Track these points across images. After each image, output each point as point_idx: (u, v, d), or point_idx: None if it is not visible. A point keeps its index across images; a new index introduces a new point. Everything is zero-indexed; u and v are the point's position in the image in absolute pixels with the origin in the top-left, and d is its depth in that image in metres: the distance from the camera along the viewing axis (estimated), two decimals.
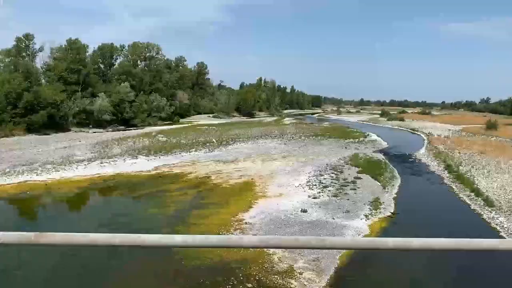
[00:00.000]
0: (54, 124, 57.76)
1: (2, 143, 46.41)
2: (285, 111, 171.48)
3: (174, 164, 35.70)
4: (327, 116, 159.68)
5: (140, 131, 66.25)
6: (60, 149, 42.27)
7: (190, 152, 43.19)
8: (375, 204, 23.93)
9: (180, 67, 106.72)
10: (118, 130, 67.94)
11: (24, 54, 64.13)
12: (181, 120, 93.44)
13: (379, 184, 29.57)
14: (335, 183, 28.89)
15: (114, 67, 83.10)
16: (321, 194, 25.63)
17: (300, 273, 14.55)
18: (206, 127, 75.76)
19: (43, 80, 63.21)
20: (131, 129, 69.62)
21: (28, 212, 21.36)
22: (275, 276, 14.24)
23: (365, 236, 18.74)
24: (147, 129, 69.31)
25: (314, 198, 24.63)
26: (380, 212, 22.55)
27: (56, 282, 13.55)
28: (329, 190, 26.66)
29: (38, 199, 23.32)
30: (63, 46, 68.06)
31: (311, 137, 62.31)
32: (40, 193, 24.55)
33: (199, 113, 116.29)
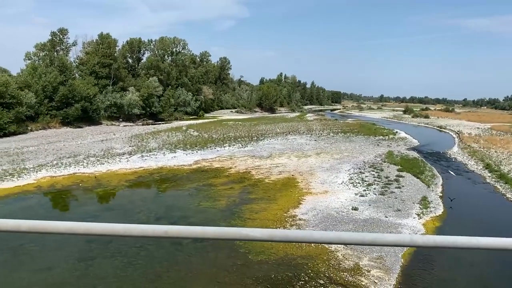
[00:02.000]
0: (87, 117, 58.98)
1: (41, 135, 47.70)
2: (305, 107, 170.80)
3: (212, 158, 36.08)
4: (348, 112, 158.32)
5: (169, 125, 67.05)
6: (98, 142, 43.17)
7: (224, 147, 43.52)
8: (424, 203, 23.72)
9: (205, 62, 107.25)
10: (147, 124, 68.97)
11: (58, 48, 65.50)
12: (205, 115, 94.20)
13: (422, 182, 29.26)
14: (378, 181, 28.73)
15: (142, 61, 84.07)
16: (367, 192, 25.55)
17: (368, 271, 14.61)
18: (232, 122, 76.12)
19: (76, 74, 64.48)
20: (160, 123, 70.56)
21: (86, 204, 21.92)
22: (344, 273, 14.33)
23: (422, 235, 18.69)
24: (175, 123, 70.09)
25: (361, 196, 24.58)
26: (431, 211, 22.35)
27: (126, 275, 13.93)
28: (374, 188, 26.55)
29: (92, 191, 23.92)
30: (95, 40, 69.18)
31: (339, 134, 61.95)
32: (91, 185, 25.19)
33: (222, 108, 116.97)
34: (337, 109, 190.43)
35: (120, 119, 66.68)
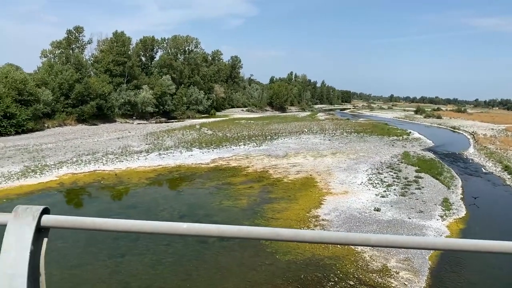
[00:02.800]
0: (102, 115, 59.46)
1: (57, 132, 48.23)
2: (316, 106, 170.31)
3: (228, 157, 36.15)
4: (359, 112, 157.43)
5: (182, 123, 67.34)
6: (114, 139, 43.50)
7: (239, 146, 43.58)
8: (446, 204, 23.53)
9: (216, 61, 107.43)
10: (161, 122, 69.33)
11: (73, 46, 66.10)
12: (217, 113, 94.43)
13: (442, 184, 29.01)
14: (398, 182, 28.55)
15: (155, 59, 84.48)
16: (387, 193, 25.41)
17: (397, 273, 14.54)
18: (245, 121, 76.19)
19: (91, 72, 65.05)
20: (172, 121, 70.88)
21: (109, 201, 22.13)
22: (373, 275, 14.28)
23: (447, 237, 18.54)
24: (188, 122, 70.40)
25: (382, 197, 24.45)
26: (453, 213, 22.15)
27: (156, 273, 14.02)
28: (394, 189, 26.41)
29: (114, 189, 24.13)
30: (109, 38, 69.67)
31: (352, 134, 61.67)
32: (113, 182, 25.41)
33: (233, 107, 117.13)
34: (347, 108, 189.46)
35: (134, 117, 67.11)
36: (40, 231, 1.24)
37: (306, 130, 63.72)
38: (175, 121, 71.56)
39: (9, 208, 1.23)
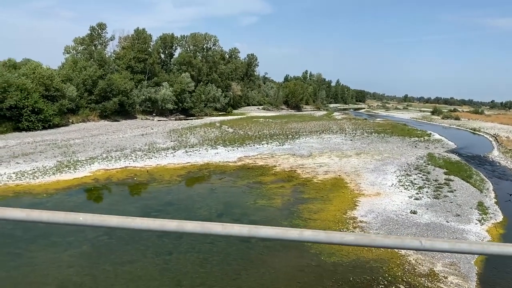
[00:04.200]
0: (123, 111, 60.06)
1: (82, 127, 48.86)
2: (330, 105, 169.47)
3: (254, 156, 36.20)
4: (375, 111, 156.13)
5: (201, 121, 67.66)
6: (139, 136, 43.89)
7: (262, 144, 43.60)
8: (482, 208, 23.21)
9: (234, 59, 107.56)
10: (180, 119, 69.75)
11: (96, 42, 66.83)
12: (233, 111, 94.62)
13: (473, 187, 28.62)
14: (428, 185, 28.25)
15: (174, 57, 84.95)
16: (420, 195, 25.17)
17: (445, 277, 14.40)
18: (263, 119, 76.20)
19: (113, 69, 65.67)
20: (191, 119, 71.26)
21: (145, 198, 22.32)
22: (421, 279, 14.17)
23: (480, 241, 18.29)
24: (207, 119, 70.69)
25: (416, 199, 24.23)
26: (491, 217, 21.83)
27: (205, 271, 14.11)
28: (426, 192, 26.14)
29: (148, 185, 24.35)
30: (130, 35, 70.22)
31: (373, 134, 61.21)
32: (146, 179, 25.65)
33: (248, 105, 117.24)
34: (362, 108, 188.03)
35: (154, 114, 67.62)
36: None
37: (326, 130, 63.47)
38: (194, 119, 71.93)
39: (51, 203, 1.25)
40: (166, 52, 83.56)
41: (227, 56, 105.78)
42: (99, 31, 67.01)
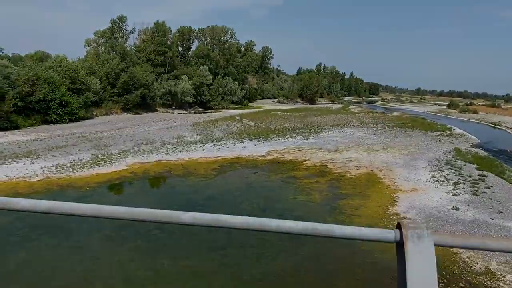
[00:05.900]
0: (144, 104, 60.38)
1: (106, 120, 49.27)
2: (344, 98, 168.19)
3: (281, 150, 36.17)
4: (390, 105, 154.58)
5: (220, 114, 67.74)
6: (164, 129, 44.12)
7: (286, 138, 43.53)
8: None
9: (249, 51, 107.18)
10: (199, 112, 69.90)
11: (117, 35, 67.06)
12: (249, 104, 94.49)
13: (509, 183, 28.26)
14: (463, 180, 27.94)
15: (192, 50, 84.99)
16: (457, 191, 24.92)
17: (503, 276, 14.28)
18: (281, 112, 76.02)
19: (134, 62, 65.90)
20: (210, 111, 71.38)
21: (186, 192, 22.42)
22: (480, 277, 14.07)
23: None
24: (226, 112, 70.71)
25: (454, 195, 23.99)
26: None
27: (262, 267, 14.18)
28: (463, 188, 25.86)
29: (186, 179, 24.50)
30: (150, 28, 70.29)
31: (394, 128, 60.68)
32: (182, 173, 25.81)
33: (263, 98, 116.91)
34: (375, 101, 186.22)
35: (173, 107, 67.87)
36: None
37: (346, 124, 63.12)
38: (212, 112, 72.01)
39: (95, 195, 1.20)
40: (184, 45, 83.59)
41: (243, 49, 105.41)
42: (120, 23, 67.24)
